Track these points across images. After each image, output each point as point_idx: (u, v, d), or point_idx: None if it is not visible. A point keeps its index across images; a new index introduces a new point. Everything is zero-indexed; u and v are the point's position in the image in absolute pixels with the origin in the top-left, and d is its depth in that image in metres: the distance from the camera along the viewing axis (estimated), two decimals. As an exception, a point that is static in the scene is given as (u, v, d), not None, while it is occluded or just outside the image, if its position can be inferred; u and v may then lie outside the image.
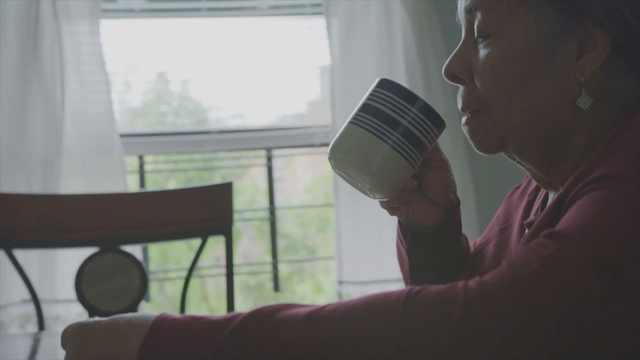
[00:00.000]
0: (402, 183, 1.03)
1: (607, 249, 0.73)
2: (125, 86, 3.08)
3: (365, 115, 1.00)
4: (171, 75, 3.24)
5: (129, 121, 3.10)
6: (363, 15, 2.79)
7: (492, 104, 0.97)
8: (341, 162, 1.01)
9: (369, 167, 0.99)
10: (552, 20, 0.93)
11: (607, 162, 0.82)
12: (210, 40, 2.98)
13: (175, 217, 2.01)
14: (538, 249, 0.75)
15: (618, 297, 0.72)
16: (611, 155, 0.83)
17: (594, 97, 0.93)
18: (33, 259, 2.51)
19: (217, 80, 3.06)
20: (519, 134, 0.97)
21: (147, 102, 3.21)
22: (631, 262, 0.73)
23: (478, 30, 0.98)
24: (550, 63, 0.93)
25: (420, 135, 0.99)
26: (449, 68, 1.02)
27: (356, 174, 1.01)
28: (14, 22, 2.60)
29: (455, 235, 1.15)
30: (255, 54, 3.00)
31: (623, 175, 0.79)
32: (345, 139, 1.01)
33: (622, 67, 0.93)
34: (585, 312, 0.72)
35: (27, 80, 2.59)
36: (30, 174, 2.57)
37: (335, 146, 1.02)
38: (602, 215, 0.76)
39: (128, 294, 1.97)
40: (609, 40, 0.91)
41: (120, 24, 2.94)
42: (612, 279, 0.72)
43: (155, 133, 2.99)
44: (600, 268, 0.72)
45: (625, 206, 0.76)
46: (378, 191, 1.03)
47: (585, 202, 0.79)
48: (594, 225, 0.75)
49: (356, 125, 1.00)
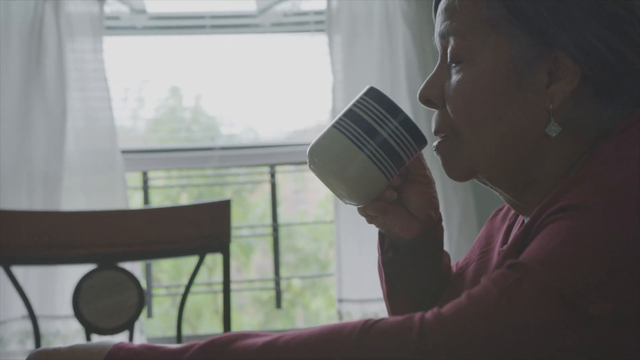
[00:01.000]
0: (375, 193, 1.03)
1: (567, 282, 0.73)
2: (138, 102, 3.11)
3: (347, 120, 1.00)
4: (184, 90, 3.27)
5: (141, 137, 3.13)
6: (365, 32, 2.80)
7: (462, 130, 0.97)
8: (317, 165, 1.02)
9: (343, 173, 0.99)
10: (522, 48, 0.93)
11: (573, 192, 0.81)
12: (216, 56, 2.99)
13: (173, 234, 2.01)
14: (499, 279, 0.75)
15: (576, 330, 0.72)
16: (577, 185, 0.82)
17: (564, 125, 0.93)
18: (33, 274, 2.52)
19: (223, 96, 3.07)
20: (489, 161, 0.97)
21: (157, 118, 3.23)
22: (590, 295, 0.72)
23: (451, 56, 0.98)
24: (520, 91, 0.93)
25: (397, 149, 0.99)
26: (422, 92, 1.02)
27: (331, 178, 1.01)
28: (17, 38, 2.62)
29: (435, 253, 1.14)
30: (260, 71, 3.01)
31: (587, 206, 0.78)
32: (325, 141, 1.01)
33: (592, 97, 0.93)
34: (542, 345, 0.71)
35: (30, 96, 2.61)
36: (32, 190, 2.58)
37: (314, 148, 1.02)
38: (564, 247, 0.76)
39: (125, 311, 1.98)
40: (578, 70, 0.91)
41: (127, 41, 2.97)
42: (571, 311, 0.72)
43: (159, 149, 3.00)
44: (558, 301, 0.72)
45: (588, 238, 0.76)
46: (351, 198, 1.03)
47: (549, 233, 0.78)
48: (555, 257, 0.75)
49: (337, 130, 1.00)
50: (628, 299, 0.73)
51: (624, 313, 0.73)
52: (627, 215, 0.76)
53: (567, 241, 0.76)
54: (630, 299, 0.73)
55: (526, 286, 0.73)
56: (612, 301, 0.72)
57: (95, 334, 1.95)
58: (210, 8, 2.98)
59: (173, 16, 2.99)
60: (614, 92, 0.92)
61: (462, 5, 0.97)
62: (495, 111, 0.94)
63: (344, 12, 2.80)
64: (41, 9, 2.62)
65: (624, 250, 0.74)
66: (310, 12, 2.99)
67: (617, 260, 0.74)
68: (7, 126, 2.59)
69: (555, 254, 0.75)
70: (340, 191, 1.02)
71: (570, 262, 0.74)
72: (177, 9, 2.99)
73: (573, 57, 0.90)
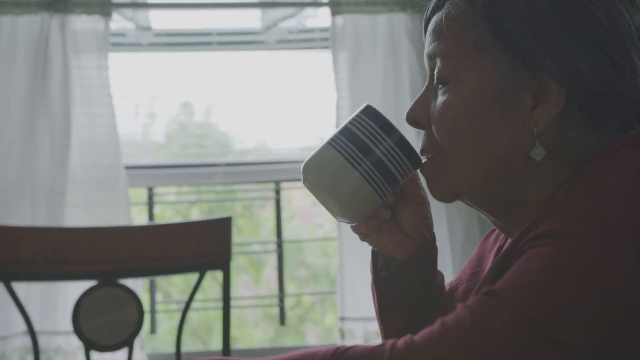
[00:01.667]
0: (368, 211, 1.03)
1: (540, 311, 0.72)
2: (149, 117, 3.13)
3: (342, 138, 1.00)
4: (193, 106, 3.28)
5: (149, 152, 3.14)
6: (369, 49, 2.80)
7: (447, 152, 0.97)
8: (311, 182, 1.01)
9: (337, 191, 0.99)
10: (507, 71, 0.92)
11: (552, 219, 0.80)
12: (222, 73, 3.00)
13: (174, 251, 2.01)
14: (474, 307, 0.75)
15: (546, 359, 0.72)
16: (557, 211, 0.82)
17: (550, 149, 0.92)
18: (35, 290, 2.53)
19: (230, 112, 3.09)
20: (473, 183, 0.96)
21: (166, 134, 3.25)
22: (564, 324, 0.72)
23: (437, 77, 0.98)
24: (505, 114, 0.93)
25: (392, 168, 0.99)
26: (409, 113, 1.02)
27: (324, 195, 1.01)
28: (24, 54, 2.65)
29: (428, 273, 1.13)
30: (266, 87, 3.03)
31: (565, 233, 0.77)
32: (319, 158, 1.01)
33: (578, 121, 0.92)
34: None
35: (35, 111, 2.63)
36: (35, 205, 2.60)
37: (308, 164, 1.02)
38: (539, 275, 0.75)
39: (125, 327, 1.98)
40: (563, 93, 0.90)
41: (136, 57, 2.99)
42: (543, 341, 0.72)
43: (164, 165, 3.01)
44: (531, 330, 0.72)
45: (564, 266, 0.75)
46: (343, 215, 1.03)
47: (526, 260, 0.78)
48: (529, 285, 0.75)
49: (332, 147, 1.00)
50: (602, 328, 0.72)
51: (598, 343, 0.72)
52: (604, 244, 0.75)
53: (543, 269, 0.75)
54: (604, 328, 0.72)
55: (499, 315, 0.73)
56: (586, 331, 0.72)
57: (95, 350, 1.95)
58: (216, 25, 3.00)
59: (179, 33, 3.02)
60: (599, 116, 0.92)
61: (449, 27, 0.97)
62: (479, 134, 0.94)
63: (349, 30, 2.81)
64: (47, 25, 2.65)
65: (599, 280, 0.73)
66: (315, 29, 3.01)
67: (591, 289, 0.73)
68: (12, 141, 2.61)
69: (529, 282, 0.75)
70: (333, 208, 1.02)
71: (544, 291, 0.74)
72: (183, 26, 3.01)
73: (557, 81, 0.90)
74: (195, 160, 3.05)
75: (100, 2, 2.69)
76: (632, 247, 0.74)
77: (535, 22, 0.90)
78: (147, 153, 3.16)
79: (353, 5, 2.79)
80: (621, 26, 0.90)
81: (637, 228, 0.76)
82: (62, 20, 2.65)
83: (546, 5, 0.90)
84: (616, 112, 0.92)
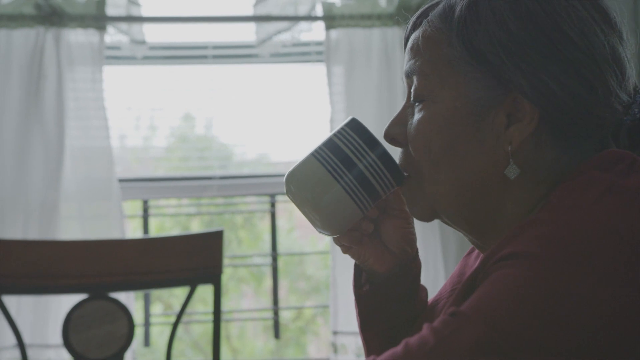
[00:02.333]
0: (348, 224, 1.03)
1: (503, 333, 0.72)
2: (151, 130, 3.14)
3: (326, 150, 1.00)
4: (191, 119, 3.29)
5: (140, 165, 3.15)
6: (364, 63, 2.80)
7: (423, 170, 0.97)
8: (293, 193, 1.01)
9: (318, 203, 0.99)
10: (481, 90, 0.92)
11: (519, 240, 0.80)
12: (218, 86, 3.02)
13: (165, 264, 2.00)
14: (438, 328, 0.75)
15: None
16: (524, 232, 0.81)
17: (523, 168, 0.92)
18: (27, 303, 2.53)
19: (226, 125, 3.09)
20: (448, 202, 0.96)
21: (166, 146, 3.26)
22: (526, 346, 0.72)
23: (414, 95, 0.99)
24: (479, 132, 0.93)
25: (374, 182, 0.99)
26: (387, 131, 1.02)
27: (305, 207, 1.01)
28: (18, 67, 2.65)
29: (410, 288, 1.14)
30: (262, 100, 3.03)
31: (531, 255, 0.77)
32: (302, 169, 1.01)
33: (552, 140, 0.92)
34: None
35: (29, 125, 2.63)
36: (28, 218, 2.59)
37: (291, 175, 1.02)
38: (503, 297, 0.75)
39: (115, 341, 1.97)
40: (536, 112, 0.90)
41: (131, 70, 3.00)
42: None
43: (158, 178, 3.01)
44: (493, 352, 0.71)
45: (528, 288, 0.75)
46: (324, 228, 1.02)
47: (491, 281, 0.77)
48: (493, 307, 0.74)
49: (315, 159, 1.00)
50: (563, 350, 0.72)
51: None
52: (567, 265, 0.75)
53: (506, 291, 0.75)
54: (566, 350, 0.72)
55: (463, 337, 0.73)
56: (548, 352, 0.72)
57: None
58: (210, 38, 3.01)
59: (174, 46, 3.03)
60: (573, 136, 0.92)
61: (425, 45, 0.97)
62: (453, 152, 0.94)
63: (343, 44, 2.82)
64: (42, 39, 2.66)
65: (562, 301, 0.73)
66: (310, 43, 3.01)
67: (554, 310, 0.73)
68: (5, 154, 2.60)
69: (493, 304, 0.75)
70: (314, 220, 1.02)
71: (507, 313, 0.73)
72: (177, 40, 3.03)
73: (530, 100, 0.90)
74: (191, 173, 3.05)
75: (95, 16, 2.70)
76: (594, 268, 0.74)
77: (508, 41, 0.90)
78: (149, 165, 3.16)
79: (347, 19, 2.80)
80: (595, 46, 0.90)
81: (599, 249, 0.75)
82: (57, 33, 2.66)
83: (520, 25, 0.90)
84: (590, 132, 0.92)
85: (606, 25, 0.92)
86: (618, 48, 0.93)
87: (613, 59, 0.92)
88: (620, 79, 0.92)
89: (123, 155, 3.08)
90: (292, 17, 2.88)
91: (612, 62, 0.91)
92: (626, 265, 0.74)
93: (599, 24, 0.92)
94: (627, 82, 0.94)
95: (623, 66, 0.93)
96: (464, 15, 0.94)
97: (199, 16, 2.93)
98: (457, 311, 0.76)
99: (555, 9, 0.91)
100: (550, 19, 0.90)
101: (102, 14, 2.71)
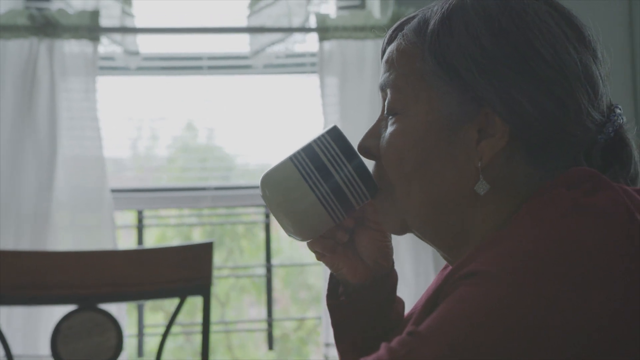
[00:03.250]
0: (319, 231, 1.03)
1: (457, 352, 0.71)
2: (153, 140, 3.14)
3: (304, 156, 0.99)
4: (193, 129, 3.30)
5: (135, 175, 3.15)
6: (357, 74, 2.80)
7: (394, 183, 0.97)
8: (267, 196, 1.01)
9: (290, 208, 0.99)
10: (453, 104, 0.92)
11: (480, 258, 0.79)
12: (212, 96, 3.02)
13: (155, 276, 2.00)
14: (394, 348, 0.75)
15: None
16: (486, 250, 0.81)
17: (494, 183, 0.91)
18: (18, 314, 2.52)
19: (225, 135, 3.10)
20: (419, 216, 0.96)
21: (167, 156, 3.26)
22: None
23: (387, 108, 0.98)
24: (450, 147, 0.92)
25: (348, 193, 0.98)
26: (361, 143, 1.02)
27: (278, 210, 1.00)
28: (11, 77, 2.65)
29: (385, 301, 1.13)
30: (258, 110, 3.04)
31: (490, 274, 0.76)
32: (277, 173, 1.01)
33: (523, 156, 0.91)
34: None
35: (21, 135, 2.63)
36: (19, 228, 2.59)
37: (266, 178, 1.01)
38: (459, 316, 0.74)
39: (103, 352, 1.97)
40: (507, 128, 0.90)
41: (127, 81, 3.01)
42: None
43: (151, 189, 3.01)
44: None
45: (484, 307, 0.74)
46: (295, 233, 1.02)
47: (450, 300, 0.77)
48: (449, 327, 0.74)
49: (292, 163, 0.99)
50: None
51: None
52: (527, 285, 0.74)
53: (463, 310, 0.74)
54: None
55: (418, 357, 0.72)
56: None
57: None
58: (202, 50, 3.02)
59: (168, 57, 3.03)
60: (544, 154, 0.91)
61: (399, 58, 0.97)
62: (424, 166, 0.94)
63: (336, 55, 2.82)
64: (36, 49, 2.66)
65: (520, 321, 0.72)
66: (304, 54, 3.02)
67: (511, 331, 0.72)
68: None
69: (449, 324, 0.74)
70: (286, 225, 1.01)
71: (463, 332, 0.73)
72: (171, 50, 3.03)
73: (501, 116, 0.90)
74: (188, 184, 3.05)
75: (89, 27, 2.70)
76: (552, 288, 0.73)
77: (480, 57, 0.90)
78: (149, 175, 3.16)
79: (341, 31, 2.80)
80: (567, 64, 0.90)
81: (558, 269, 0.75)
82: (51, 44, 2.67)
83: (492, 41, 0.90)
84: (562, 150, 0.91)
85: (579, 43, 0.92)
86: (591, 66, 0.92)
87: (585, 77, 0.91)
88: (592, 97, 0.92)
89: (120, 165, 3.09)
90: (285, 28, 2.88)
91: (584, 80, 0.91)
92: (584, 287, 0.73)
93: (572, 42, 0.91)
94: (599, 101, 0.93)
95: (595, 84, 0.93)
96: (437, 30, 0.93)
97: (192, 27, 2.93)
98: (414, 331, 0.75)
99: (529, 26, 0.90)
100: (523, 36, 0.90)
101: (96, 25, 2.71)
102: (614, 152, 0.95)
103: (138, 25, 2.87)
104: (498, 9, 0.92)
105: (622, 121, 0.96)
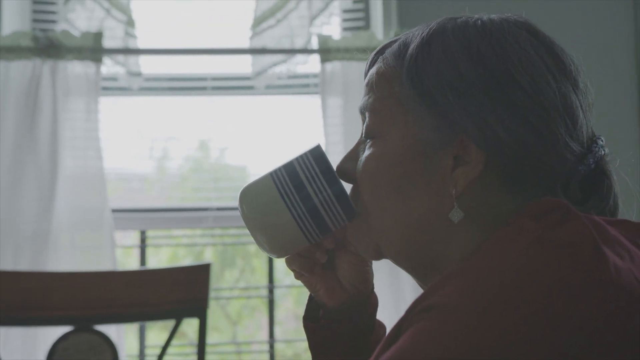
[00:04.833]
0: (293, 250, 1.02)
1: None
2: (158, 160, 3.15)
3: (284, 173, 0.98)
4: (202, 149, 3.31)
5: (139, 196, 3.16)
6: (359, 96, 2.77)
7: (369, 208, 0.96)
8: (244, 212, 1.00)
9: (265, 225, 0.98)
10: (429, 130, 0.90)
11: (440, 290, 0.77)
12: (216, 117, 3.03)
13: (151, 297, 2.00)
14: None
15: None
16: (447, 282, 0.78)
17: (469, 211, 0.89)
18: (16, 334, 2.52)
19: (230, 155, 3.10)
20: (392, 242, 0.94)
21: (180, 174, 3.27)
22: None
23: (365, 132, 0.97)
24: (426, 173, 0.91)
25: (326, 218, 0.97)
26: (339, 166, 1.01)
27: (253, 226, 0.99)
28: (14, 97, 2.67)
29: (365, 324, 1.11)
30: (260, 131, 3.04)
31: (446, 308, 0.74)
32: (255, 188, 1.00)
33: (498, 185, 0.89)
34: None
35: (23, 156, 2.63)
36: (19, 248, 2.59)
37: (244, 193, 1.00)
38: (415, 351, 0.72)
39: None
40: (482, 156, 0.88)
41: (130, 101, 3.02)
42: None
43: (153, 209, 3.01)
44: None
45: (439, 343, 0.72)
46: (269, 250, 1.01)
47: (408, 334, 0.75)
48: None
49: (272, 180, 0.98)
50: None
51: None
52: (483, 319, 0.72)
53: (421, 345, 0.72)
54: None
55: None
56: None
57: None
58: (204, 70, 3.03)
59: (170, 78, 3.05)
60: (520, 183, 0.89)
61: (378, 82, 0.96)
62: (399, 191, 0.92)
63: (338, 76, 2.82)
64: (39, 70, 2.68)
65: (476, 357, 0.70)
66: (307, 75, 3.02)
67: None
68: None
69: (406, 358, 0.72)
70: (260, 240, 1.00)
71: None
72: (173, 71, 3.05)
73: (476, 143, 0.88)
74: (186, 204, 3.05)
75: (92, 48, 2.72)
76: (507, 321, 0.71)
77: (457, 83, 0.89)
78: (162, 195, 3.16)
79: (342, 52, 2.80)
80: (544, 93, 0.88)
81: (517, 302, 0.72)
82: (54, 65, 2.68)
83: (470, 67, 0.89)
84: (539, 180, 0.89)
85: (559, 73, 0.90)
86: (570, 96, 0.90)
87: (564, 107, 0.89)
88: (570, 127, 0.90)
89: (122, 185, 3.09)
90: (288, 49, 2.89)
91: (562, 110, 0.89)
92: (542, 321, 0.71)
93: (551, 71, 0.90)
94: (578, 131, 0.91)
95: (575, 115, 0.90)
96: (415, 54, 0.92)
97: (194, 48, 2.94)
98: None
99: (507, 53, 0.89)
100: (501, 63, 0.88)
101: (99, 46, 2.73)
102: (594, 184, 0.93)
103: (141, 46, 2.88)
104: (478, 35, 0.91)
105: (603, 152, 0.93)
